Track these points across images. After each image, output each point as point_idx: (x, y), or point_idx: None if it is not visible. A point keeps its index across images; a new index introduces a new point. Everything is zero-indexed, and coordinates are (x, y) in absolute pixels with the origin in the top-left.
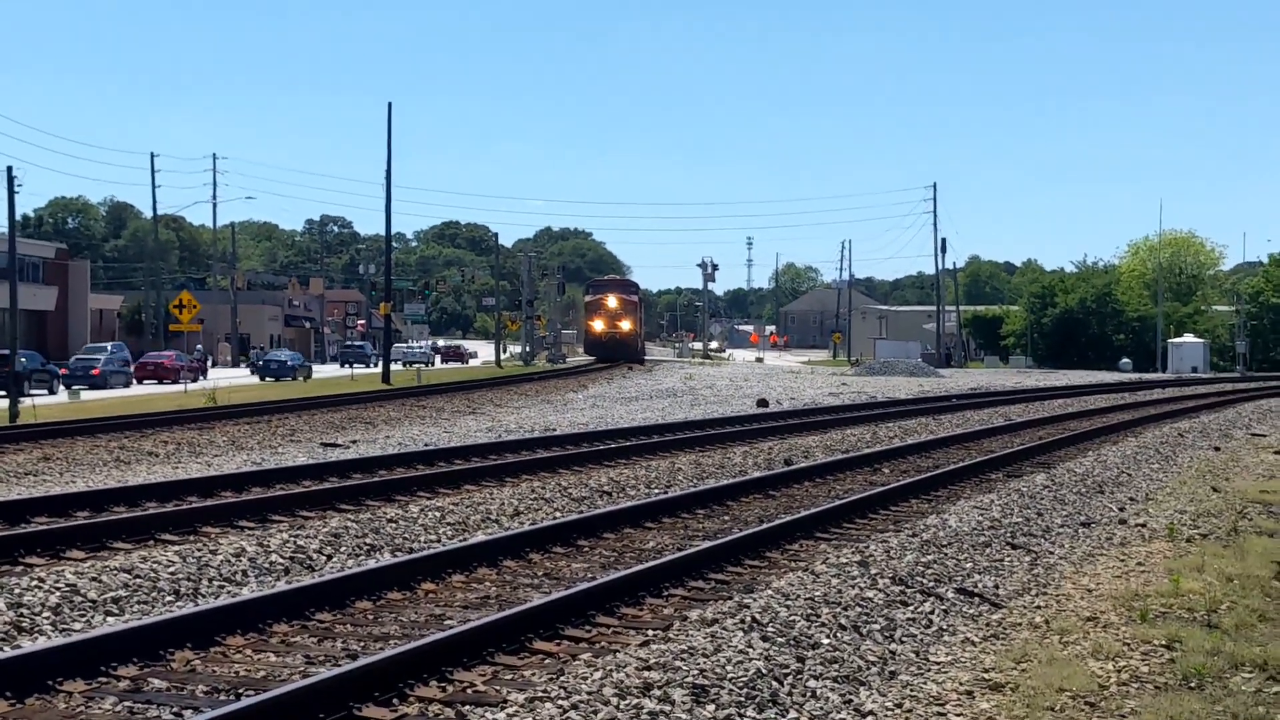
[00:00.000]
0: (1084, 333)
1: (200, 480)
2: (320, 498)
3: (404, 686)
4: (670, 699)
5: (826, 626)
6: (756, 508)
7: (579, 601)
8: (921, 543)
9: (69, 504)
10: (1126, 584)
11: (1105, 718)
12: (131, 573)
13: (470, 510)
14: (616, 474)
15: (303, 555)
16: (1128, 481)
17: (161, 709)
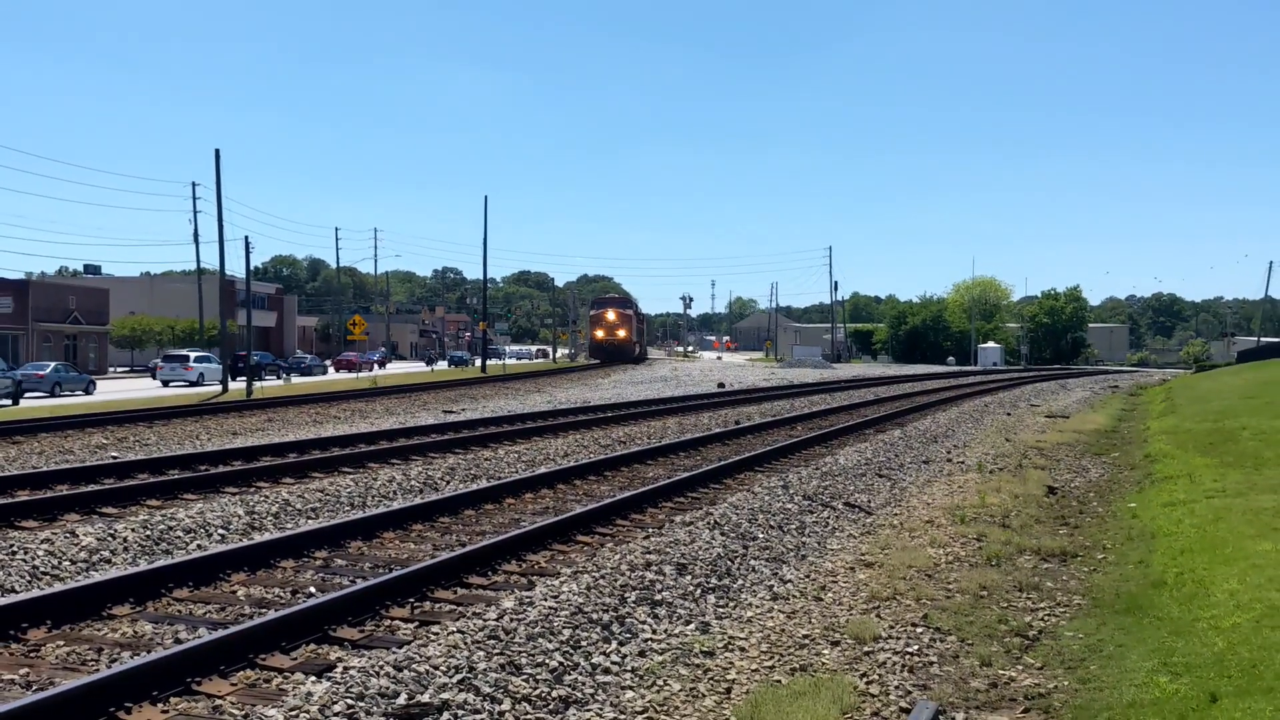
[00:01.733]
0: (925, 341)
1: (366, 434)
2: (442, 445)
3: (495, 563)
4: (663, 571)
5: (761, 526)
6: (717, 452)
7: (605, 510)
8: (822, 473)
9: (284, 449)
10: (952, 500)
11: (938, 583)
12: (324, 492)
13: (536, 453)
14: (628, 430)
15: (431, 481)
16: (952, 434)
17: (343, 577)
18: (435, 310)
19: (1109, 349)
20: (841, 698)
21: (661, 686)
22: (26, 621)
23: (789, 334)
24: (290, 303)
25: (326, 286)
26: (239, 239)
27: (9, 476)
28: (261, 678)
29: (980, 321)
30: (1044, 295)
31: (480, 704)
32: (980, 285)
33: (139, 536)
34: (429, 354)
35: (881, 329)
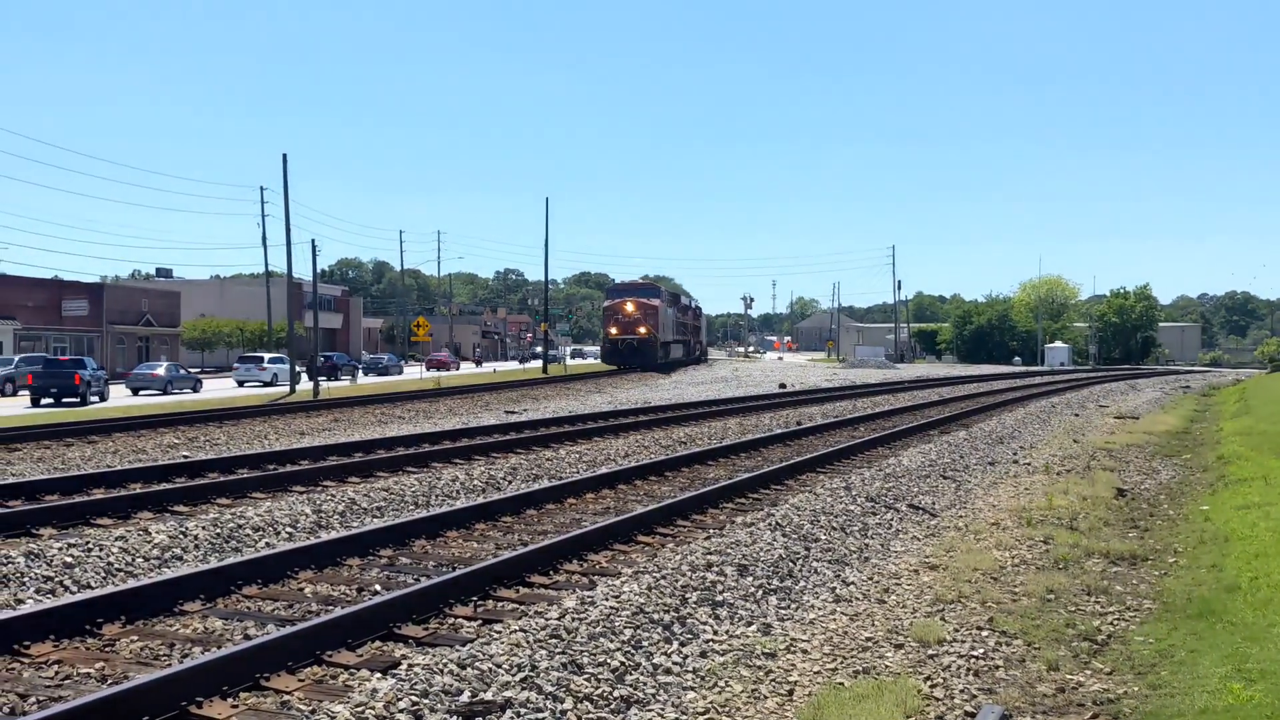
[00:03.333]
0: (990, 341)
1: (430, 434)
2: (504, 445)
3: (556, 563)
4: (724, 572)
5: (823, 528)
6: (778, 452)
7: (665, 511)
8: (885, 475)
9: (350, 448)
10: (1018, 501)
11: (1004, 586)
12: (389, 491)
13: (597, 453)
14: (689, 430)
15: (493, 481)
16: (1019, 436)
17: (407, 575)
18: (497, 311)
19: (1180, 349)
20: (905, 701)
21: (723, 687)
22: (102, 617)
23: (851, 334)
24: (356, 305)
25: (391, 288)
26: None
27: (85, 475)
28: (328, 674)
29: (1047, 321)
30: (1113, 294)
31: (542, 702)
32: (1047, 284)
33: (209, 534)
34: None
35: (946, 329)
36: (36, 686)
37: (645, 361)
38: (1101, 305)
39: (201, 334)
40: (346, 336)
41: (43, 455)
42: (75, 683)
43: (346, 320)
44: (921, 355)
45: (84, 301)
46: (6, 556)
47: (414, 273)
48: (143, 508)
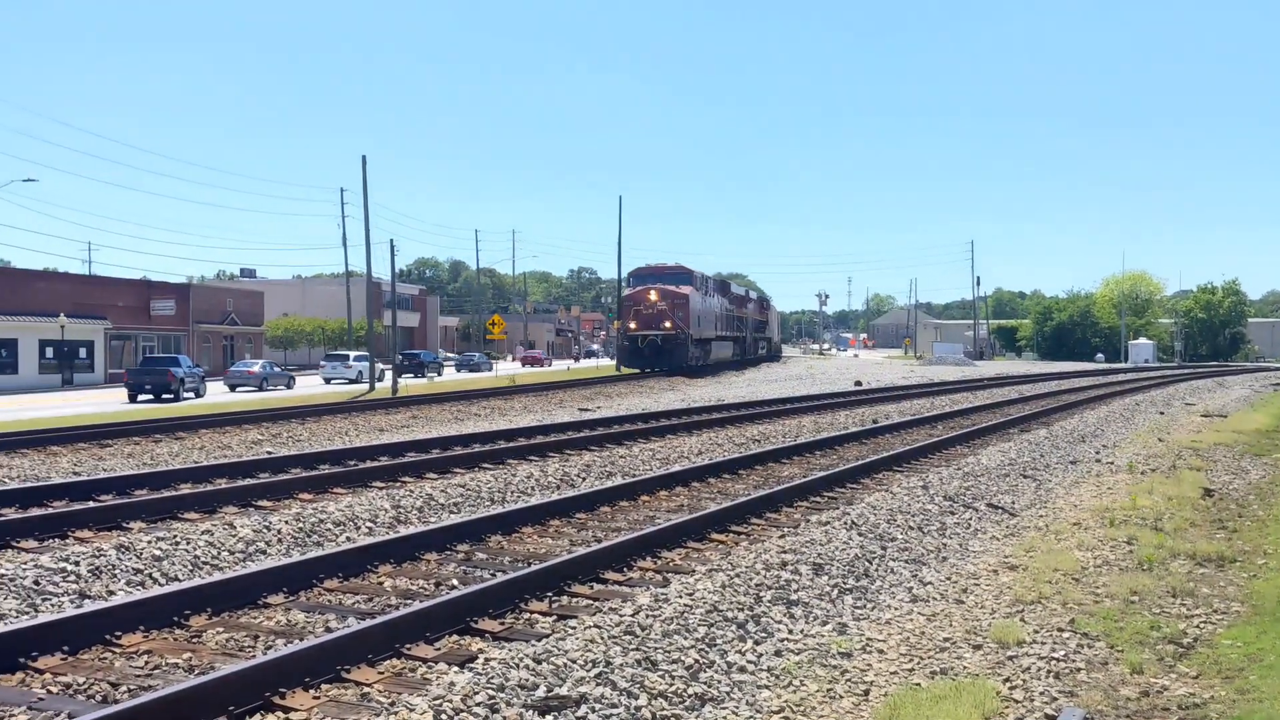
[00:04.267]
0: (1071, 338)
1: (505, 431)
2: (578, 443)
3: (630, 560)
4: (799, 571)
5: (900, 527)
6: (854, 451)
7: (740, 509)
8: (964, 474)
9: (428, 445)
10: (1100, 501)
11: (1086, 588)
12: (465, 487)
13: (670, 450)
14: (763, 429)
15: (568, 478)
16: (1101, 434)
17: (483, 570)
18: (571, 309)
19: (1271, 345)
20: (983, 702)
21: (798, 687)
22: (189, 609)
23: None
24: (433, 303)
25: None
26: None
27: (173, 470)
28: (407, 667)
29: (1131, 317)
30: (1199, 289)
31: (617, 698)
32: (1131, 279)
33: (292, 529)
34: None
35: (1026, 325)
36: (127, 676)
37: (671, 364)
38: (1188, 301)
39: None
40: (424, 334)
41: (132, 451)
42: (164, 672)
43: (424, 318)
44: (1001, 352)
45: (171, 301)
46: (99, 549)
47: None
48: (228, 502)
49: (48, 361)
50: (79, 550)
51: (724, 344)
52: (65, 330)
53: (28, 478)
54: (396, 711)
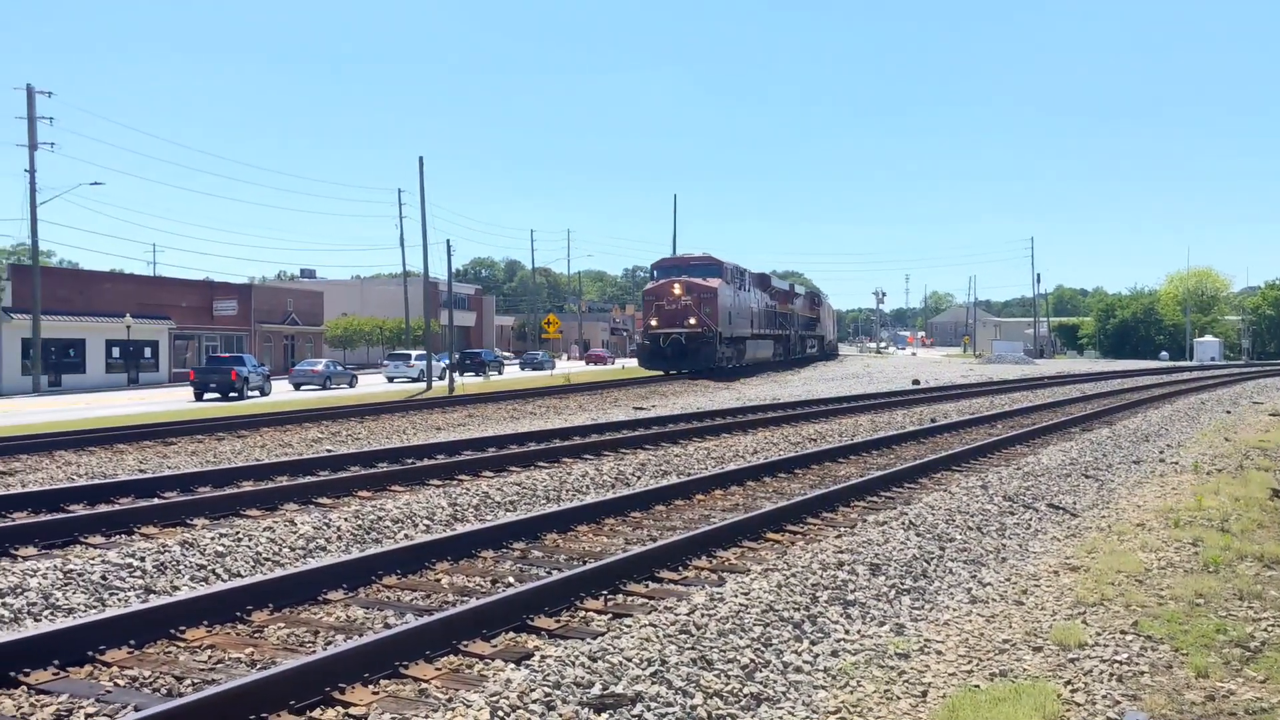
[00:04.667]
0: (1135, 335)
1: (560, 429)
2: (633, 441)
3: (685, 559)
4: (855, 571)
5: (959, 527)
6: (911, 450)
7: (795, 509)
8: (1023, 473)
9: (484, 443)
10: (1165, 502)
11: (1149, 590)
12: (521, 486)
13: (725, 450)
14: (819, 427)
15: (622, 476)
16: (1166, 433)
17: (539, 568)
18: (625, 308)
19: None
20: (1044, 705)
21: (855, 687)
22: (251, 604)
23: (988, 329)
24: (489, 303)
25: (522, 286)
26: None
27: (235, 468)
28: (464, 663)
29: (1196, 314)
30: (1268, 285)
31: (672, 697)
32: (1196, 276)
33: (351, 526)
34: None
35: (1088, 323)
36: (191, 669)
37: (696, 365)
38: (1255, 298)
39: (343, 332)
40: (479, 333)
41: (196, 449)
42: (226, 667)
43: (479, 318)
44: (1062, 350)
45: (233, 302)
46: (164, 545)
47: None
48: (289, 500)
49: (114, 361)
50: (144, 546)
51: (762, 342)
52: (131, 330)
53: (95, 475)
54: (454, 708)
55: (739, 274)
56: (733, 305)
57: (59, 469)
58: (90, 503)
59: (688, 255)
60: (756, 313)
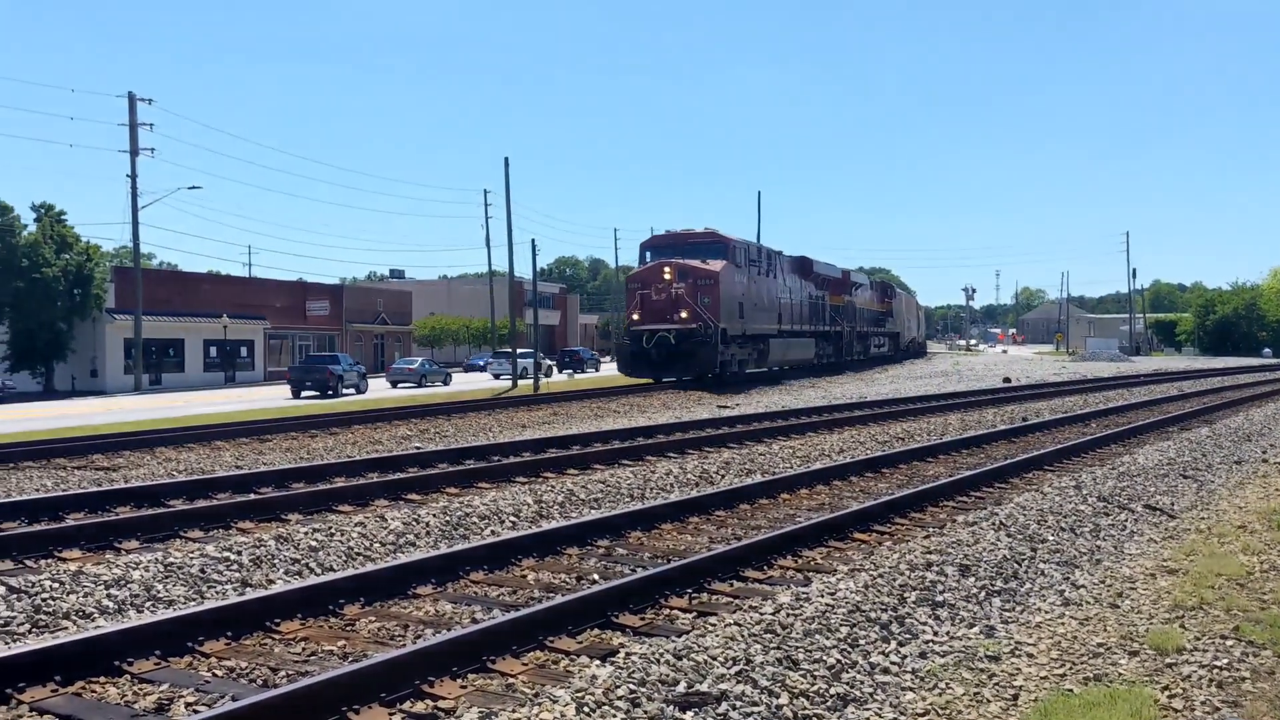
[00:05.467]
0: (1236, 331)
1: (644, 428)
2: (717, 440)
3: (770, 558)
4: (944, 572)
5: (1051, 528)
6: (1002, 450)
7: (882, 508)
8: (1119, 474)
9: (569, 441)
10: (1267, 503)
11: (1251, 593)
12: (605, 483)
13: (810, 448)
14: (906, 426)
15: (706, 475)
16: (1269, 433)
17: (623, 566)
18: None
19: None
20: (1140, 711)
21: (944, 689)
22: (343, 598)
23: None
24: (573, 302)
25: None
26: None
27: (328, 465)
28: (550, 659)
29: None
30: None
31: (758, 696)
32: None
33: (439, 522)
34: None
35: (1186, 319)
36: (286, 661)
37: (690, 369)
38: None
39: (431, 331)
40: (564, 332)
41: (290, 446)
42: (320, 659)
43: (564, 316)
44: (1159, 347)
45: (325, 302)
46: (259, 539)
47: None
48: (379, 495)
49: (212, 360)
50: (241, 540)
51: (797, 341)
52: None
53: (194, 471)
54: (540, 702)
55: (760, 255)
56: (746, 294)
57: (159, 465)
58: (189, 498)
59: (687, 231)
60: (790, 305)
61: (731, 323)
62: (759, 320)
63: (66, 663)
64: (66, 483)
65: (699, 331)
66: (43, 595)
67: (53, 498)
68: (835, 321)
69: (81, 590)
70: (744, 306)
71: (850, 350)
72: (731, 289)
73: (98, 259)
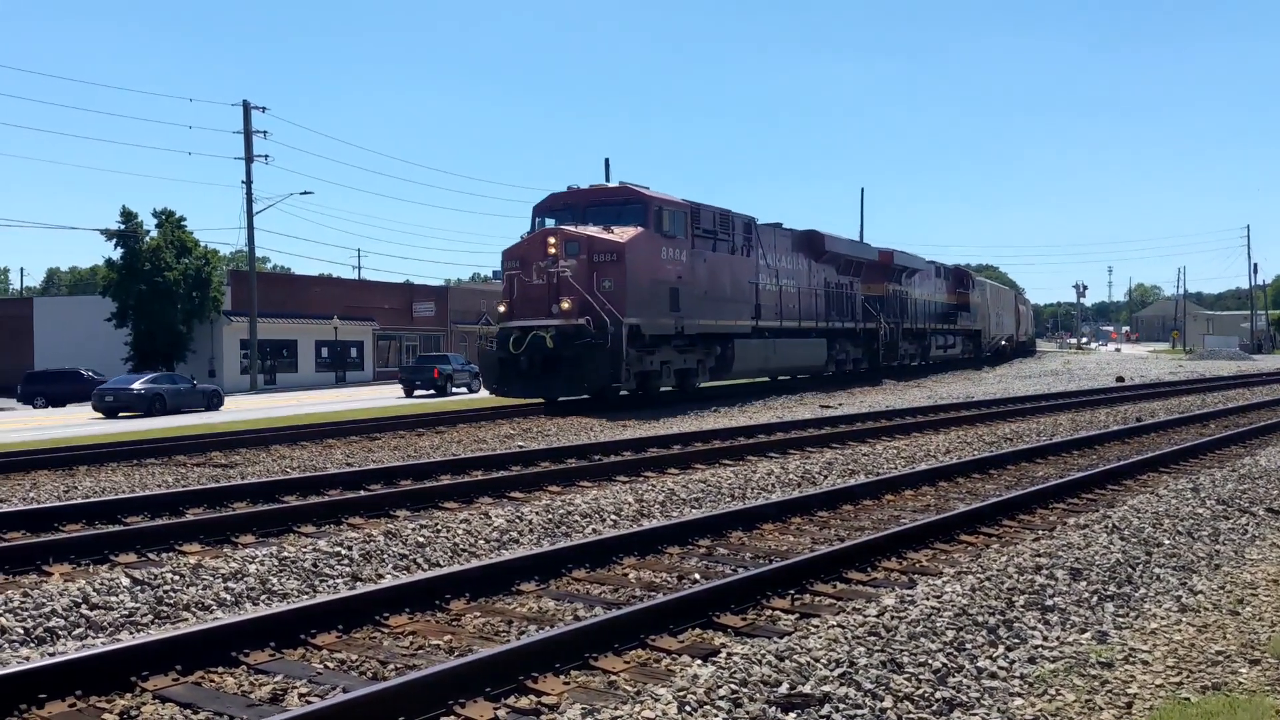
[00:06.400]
0: None
1: (744, 428)
2: (819, 440)
3: (874, 559)
4: (1054, 575)
5: (1167, 532)
6: (1115, 451)
7: (990, 510)
8: (1239, 476)
9: (669, 440)
10: None
11: None
12: (705, 483)
13: (916, 449)
14: (1014, 426)
15: (808, 475)
16: None
17: (724, 565)
18: None
19: None
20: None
21: (1053, 695)
22: (449, 593)
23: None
24: None
25: None
26: None
27: (435, 463)
28: (651, 657)
29: None
30: None
31: (861, 699)
32: None
33: (542, 519)
34: None
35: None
36: (395, 654)
37: (575, 384)
38: None
39: None
40: None
41: (398, 444)
42: (427, 652)
43: None
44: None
45: (431, 303)
46: (369, 535)
47: None
48: (483, 493)
49: (323, 360)
50: (351, 535)
51: (789, 342)
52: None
53: (306, 468)
54: (642, 700)
55: (719, 224)
56: (688, 276)
57: (274, 462)
58: (302, 494)
59: (593, 188)
60: (781, 293)
61: (650, 316)
62: (715, 313)
63: (187, 653)
64: (186, 479)
65: (587, 330)
66: (164, 587)
67: (174, 493)
68: (869, 316)
69: (201, 583)
70: (680, 294)
71: (895, 353)
72: (651, 267)
73: (215, 263)
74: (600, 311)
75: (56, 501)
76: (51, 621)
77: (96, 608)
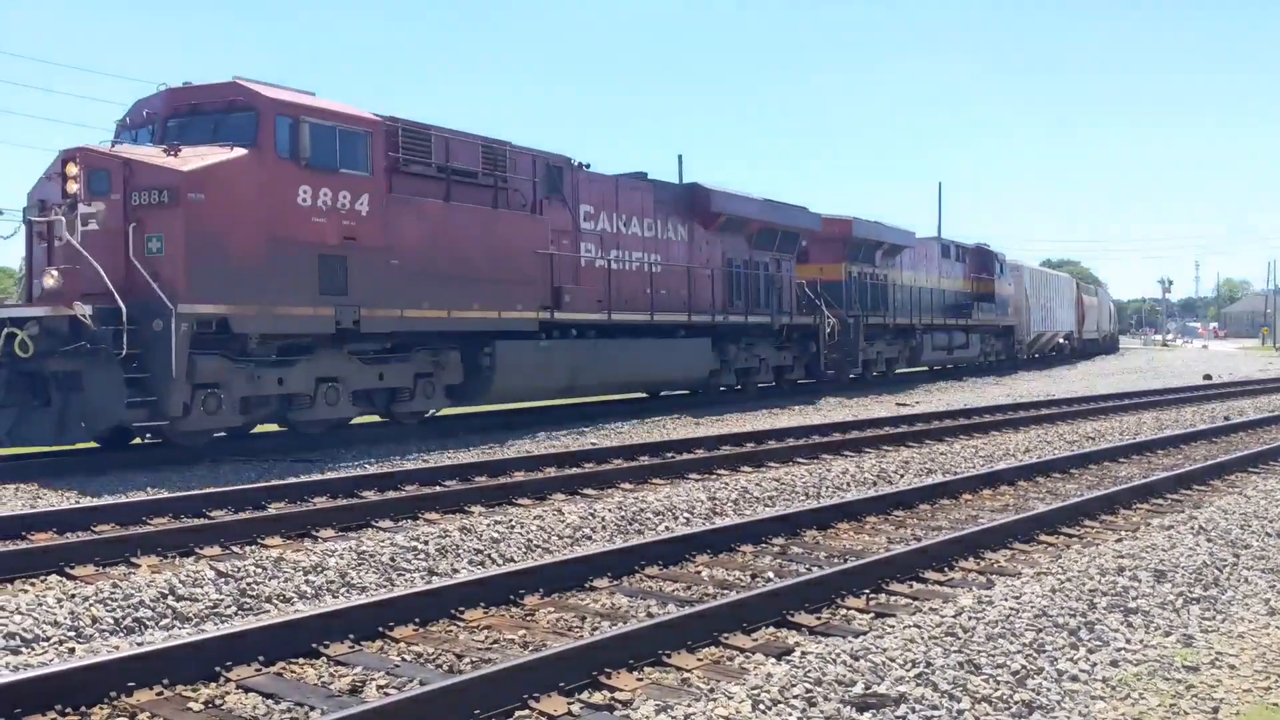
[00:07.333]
0: None
1: (818, 425)
2: (895, 438)
3: (951, 560)
4: (1137, 578)
5: (1256, 534)
6: (1202, 449)
7: (1070, 510)
8: None
9: (742, 438)
10: None
11: None
12: (779, 481)
13: (994, 448)
14: (1097, 425)
15: (884, 474)
16: None
17: (798, 564)
18: None
19: None
20: None
21: (1136, 699)
22: (523, 589)
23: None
24: None
25: None
26: None
27: (509, 459)
28: (724, 655)
29: None
30: None
31: (938, 700)
32: None
33: (615, 516)
34: None
35: None
36: (470, 648)
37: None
38: None
39: None
40: None
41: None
42: (501, 647)
43: None
44: None
45: None
46: (444, 530)
47: None
48: (557, 490)
49: None
50: (428, 530)
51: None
52: None
53: (384, 463)
54: (715, 698)
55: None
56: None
57: (353, 458)
58: (380, 489)
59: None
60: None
61: (262, 300)
62: (450, 299)
63: (269, 644)
64: (269, 474)
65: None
66: (247, 580)
67: (257, 488)
68: (809, 307)
69: (282, 575)
70: (352, 266)
71: (852, 357)
72: (268, 218)
73: None
74: (142, 291)
75: (143, 496)
76: (140, 612)
77: (183, 599)
